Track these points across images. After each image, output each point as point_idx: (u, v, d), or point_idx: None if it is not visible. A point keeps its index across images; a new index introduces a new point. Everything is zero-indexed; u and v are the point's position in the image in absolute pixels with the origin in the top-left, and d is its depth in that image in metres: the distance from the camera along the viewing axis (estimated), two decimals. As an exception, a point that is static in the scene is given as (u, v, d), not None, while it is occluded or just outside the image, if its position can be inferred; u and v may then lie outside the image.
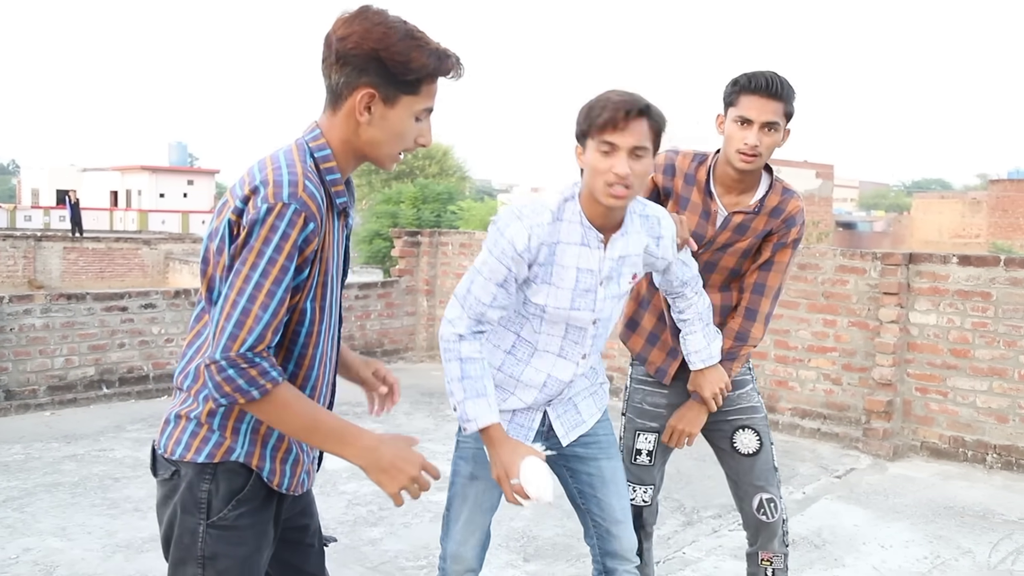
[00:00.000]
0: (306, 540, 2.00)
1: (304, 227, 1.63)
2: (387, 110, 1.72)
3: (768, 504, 2.81)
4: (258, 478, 1.77)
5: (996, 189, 37.68)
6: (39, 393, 6.23)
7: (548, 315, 2.24)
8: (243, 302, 1.61)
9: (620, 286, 2.29)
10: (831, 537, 4.14)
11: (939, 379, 5.56)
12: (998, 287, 5.33)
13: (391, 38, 1.68)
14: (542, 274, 2.19)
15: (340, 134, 1.75)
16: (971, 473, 5.26)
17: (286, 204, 1.61)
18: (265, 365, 1.63)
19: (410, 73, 1.70)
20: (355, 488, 4.65)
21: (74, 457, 5.08)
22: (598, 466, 2.40)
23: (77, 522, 4.07)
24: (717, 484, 4.81)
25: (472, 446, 2.37)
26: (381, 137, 1.74)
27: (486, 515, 2.40)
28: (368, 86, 1.70)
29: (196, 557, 1.74)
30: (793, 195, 2.72)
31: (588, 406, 2.42)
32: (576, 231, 2.19)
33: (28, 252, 24.16)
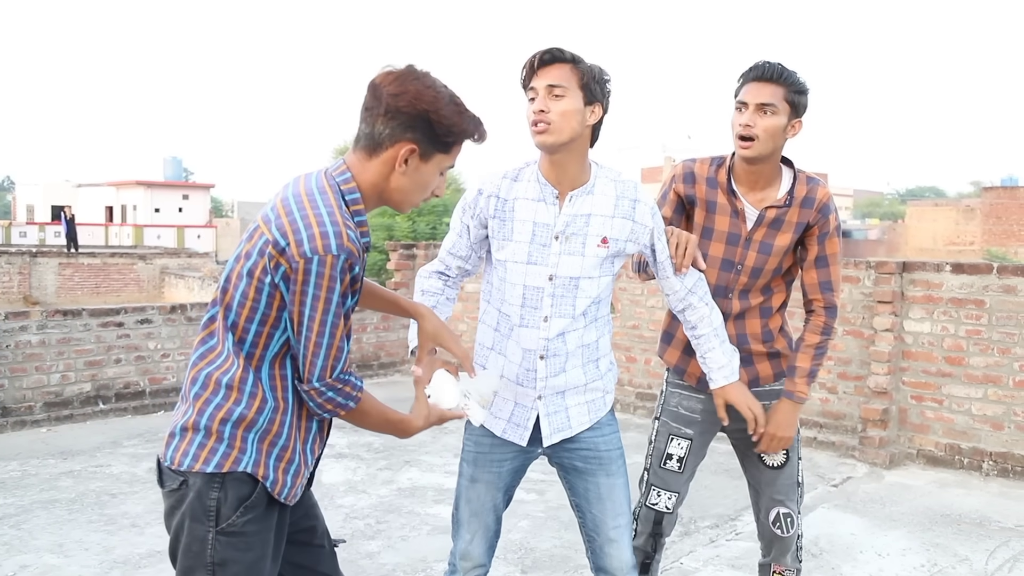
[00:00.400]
0: (315, 541, 2.11)
1: (351, 271, 1.83)
2: (422, 164, 1.91)
3: (785, 519, 2.80)
4: (263, 486, 1.86)
5: (989, 196, 37.76)
6: (35, 410, 6.22)
7: (509, 273, 2.33)
8: (326, 340, 1.83)
9: (585, 246, 2.31)
10: (828, 546, 4.15)
11: (934, 387, 5.58)
12: (991, 295, 5.35)
13: (440, 103, 1.87)
14: (503, 231, 2.34)
15: (372, 178, 1.91)
16: (967, 480, 5.27)
17: (336, 256, 1.78)
18: (354, 380, 1.91)
19: (452, 136, 1.91)
20: (352, 501, 4.65)
21: (71, 473, 5.07)
22: (596, 483, 2.42)
23: (74, 538, 4.06)
24: (714, 494, 4.82)
25: (473, 449, 2.45)
26: (410, 187, 1.94)
27: (490, 514, 2.45)
28: (412, 142, 1.87)
29: (206, 564, 1.82)
30: (819, 183, 2.71)
31: (579, 414, 2.42)
32: (533, 188, 2.33)
33: (23, 268, 24.15)
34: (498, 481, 2.44)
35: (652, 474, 2.84)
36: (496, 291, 2.40)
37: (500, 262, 2.37)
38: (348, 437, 5.97)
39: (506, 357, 2.39)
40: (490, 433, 2.43)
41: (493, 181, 2.37)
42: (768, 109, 2.55)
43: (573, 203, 2.32)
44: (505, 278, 2.36)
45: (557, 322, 2.33)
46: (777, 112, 2.56)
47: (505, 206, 2.34)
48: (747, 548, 4.05)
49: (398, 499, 4.70)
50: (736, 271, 2.71)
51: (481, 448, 2.44)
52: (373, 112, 1.88)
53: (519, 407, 2.40)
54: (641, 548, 2.84)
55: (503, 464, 2.44)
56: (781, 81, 2.56)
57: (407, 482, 4.96)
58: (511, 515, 4.40)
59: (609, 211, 2.34)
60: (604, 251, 2.33)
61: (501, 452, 2.43)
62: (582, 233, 2.31)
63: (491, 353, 2.42)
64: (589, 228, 2.32)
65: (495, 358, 2.41)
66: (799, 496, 2.82)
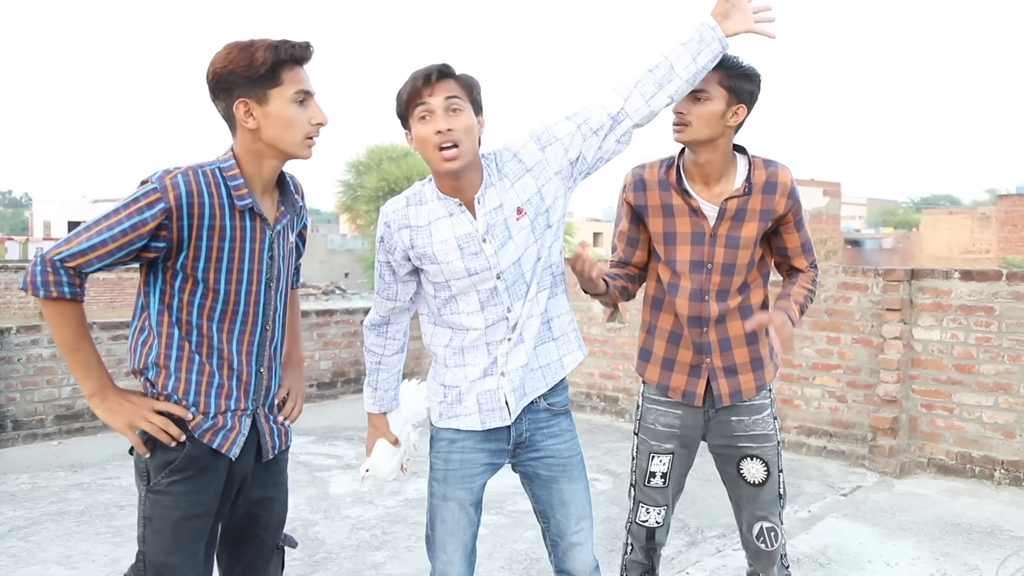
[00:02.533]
0: (257, 530, 2.25)
1: (153, 204, 1.95)
2: (265, 108, 2.02)
3: (768, 533, 2.76)
4: (193, 451, 2.07)
5: (1005, 204, 37.51)
6: (46, 423, 6.26)
7: (455, 288, 2.31)
8: (80, 228, 1.99)
9: (508, 230, 2.28)
10: (836, 555, 4.12)
11: (944, 395, 5.53)
12: (1001, 301, 5.32)
13: (233, 52, 2.00)
14: (428, 255, 2.30)
15: (242, 147, 2.08)
16: (979, 489, 5.22)
17: (151, 183, 1.97)
18: (64, 277, 1.97)
19: (259, 69, 1.99)
20: (359, 512, 4.65)
21: (80, 486, 5.10)
22: (559, 489, 2.42)
23: (82, 550, 4.08)
24: (721, 504, 4.79)
25: (442, 467, 2.43)
26: (276, 131, 2.04)
27: (465, 531, 2.42)
28: (239, 97, 2.02)
29: (141, 517, 2.10)
30: (778, 165, 2.61)
31: (536, 378, 2.39)
32: (440, 206, 2.29)
33: (39, 283, 24.25)
34: (470, 497, 2.42)
35: (639, 491, 2.79)
36: (440, 312, 2.38)
37: (440, 284, 2.33)
38: (356, 448, 5.98)
39: (467, 364, 2.37)
40: (458, 449, 2.40)
41: (398, 211, 2.32)
42: (700, 95, 2.47)
43: (483, 203, 2.28)
44: (452, 294, 2.33)
45: (517, 307, 2.33)
46: (711, 98, 2.47)
47: (421, 232, 2.29)
48: (754, 558, 4.02)
49: (405, 510, 4.70)
50: (707, 270, 2.62)
51: (451, 465, 2.41)
52: (212, 101, 2.07)
53: (484, 394, 2.37)
54: (639, 562, 2.81)
55: (474, 479, 2.42)
56: (720, 67, 2.46)
57: (414, 493, 4.96)
58: (517, 526, 4.40)
59: (508, 186, 2.29)
60: (526, 220, 2.29)
61: (471, 467, 2.41)
62: (503, 220, 2.28)
63: (447, 370, 2.41)
64: (504, 213, 2.28)
65: (453, 372, 2.40)
66: (781, 507, 2.79)
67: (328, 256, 45.63)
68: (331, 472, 5.39)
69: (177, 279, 2.04)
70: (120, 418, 2.05)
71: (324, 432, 6.46)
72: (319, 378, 7.85)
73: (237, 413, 2.15)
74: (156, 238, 1.98)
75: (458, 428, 2.40)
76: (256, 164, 2.08)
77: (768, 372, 2.73)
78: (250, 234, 2.08)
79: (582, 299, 7.10)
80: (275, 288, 2.18)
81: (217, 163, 2.06)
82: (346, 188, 43.13)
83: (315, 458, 5.73)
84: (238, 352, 2.13)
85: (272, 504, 2.27)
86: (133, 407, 2.05)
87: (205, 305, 2.06)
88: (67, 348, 2.02)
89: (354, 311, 8.26)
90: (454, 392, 2.40)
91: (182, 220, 1.98)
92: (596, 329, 7.28)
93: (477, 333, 2.34)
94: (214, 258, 2.04)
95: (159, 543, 2.04)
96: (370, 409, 2.56)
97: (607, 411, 7.20)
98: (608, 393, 7.23)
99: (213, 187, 2.02)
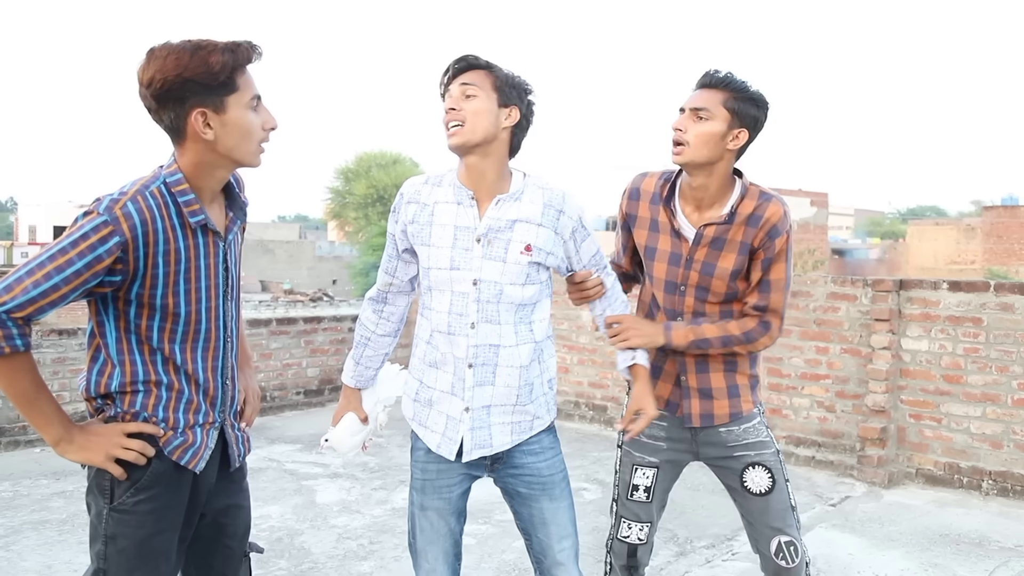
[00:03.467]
0: (224, 539, 2.19)
1: (107, 238, 1.81)
2: (223, 116, 1.90)
3: (788, 547, 2.58)
4: (160, 468, 1.97)
5: (990, 216, 37.77)
6: (29, 430, 6.18)
7: (434, 280, 2.31)
8: (22, 273, 1.81)
9: (508, 252, 2.27)
10: (825, 566, 4.11)
11: (932, 405, 5.54)
12: (989, 312, 5.33)
13: (184, 58, 1.84)
14: (422, 235, 2.32)
15: (191, 158, 1.93)
16: (967, 500, 5.23)
17: (100, 214, 1.82)
18: (14, 330, 1.79)
19: (218, 75, 1.86)
20: (346, 521, 4.61)
21: (63, 494, 5.04)
22: (539, 508, 2.38)
23: (63, 560, 4.02)
24: (711, 514, 4.77)
25: (420, 477, 2.40)
26: (234, 141, 1.93)
27: (445, 540, 2.40)
28: (195, 107, 1.87)
29: (101, 535, 1.96)
30: (771, 199, 2.48)
31: (501, 433, 2.33)
32: (451, 192, 2.32)
33: (24, 288, 24.10)
34: (448, 507, 2.39)
35: (620, 506, 2.70)
36: (425, 301, 2.38)
37: (425, 270, 2.34)
38: (343, 457, 5.94)
39: (439, 368, 2.35)
40: (435, 459, 2.37)
41: (414, 185, 2.38)
42: (702, 114, 2.40)
43: (499, 207, 2.28)
44: (432, 286, 2.33)
45: (484, 328, 2.28)
46: (712, 118, 2.40)
47: (424, 211, 2.32)
48: (744, 568, 4.00)
49: (392, 519, 4.66)
50: (680, 292, 2.56)
51: (428, 475, 2.38)
52: (153, 112, 1.91)
53: (451, 420, 2.34)
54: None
55: (452, 490, 2.38)
56: (722, 87, 2.41)
57: (401, 502, 4.92)
58: (505, 535, 4.36)
59: (536, 218, 2.30)
60: (527, 258, 2.28)
61: (448, 478, 2.37)
62: (505, 238, 2.27)
63: (425, 367, 2.38)
64: (513, 233, 2.28)
65: (429, 371, 2.37)
66: (796, 521, 2.62)
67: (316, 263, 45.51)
68: (318, 481, 5.35)
69: (132, 307, 1.93)
70: (97, 453, 1.92)
71: (311, 440, 6.41)
72: (306, 385, 7.80)
73: (206, 427, 2.08)
74: (111, 272, 1.85)
75: (422, 439, 2.39)
76: (207, 176, 1.97)
77: (746, 402, 2.62)
78: (203, 251, 1.98)
79: (571, 308, 7.08)
80: (231, 298, 2.11)
81: (162, 178, 1.92)
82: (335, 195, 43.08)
83: (301, 466, 5.68)
84: (203, 369, 2.05)
85: (238, 512, 2.23)
86: (104, 439, 1.93)
87: (165, 328, 1.97)
88: (25, 401, 1.88)
89: (342, 318, 8.21)
90: (427, 394, 2.38)
91: (138, 251, 1.86)
92: (585, 338, 7.26)
93: (443, 338, 2.32)
94: (171, 283, 1.93)
95: (122, 562, 1.95)
96: (347, 382, 2.56)
97: (595, 420, 7.18)
98: (596, 402, 7.20)
99: (163, 209, 1.89)
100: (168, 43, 1.87)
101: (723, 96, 2.41)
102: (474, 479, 2.43)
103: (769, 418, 6.10)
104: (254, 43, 1.93)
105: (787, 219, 2.49)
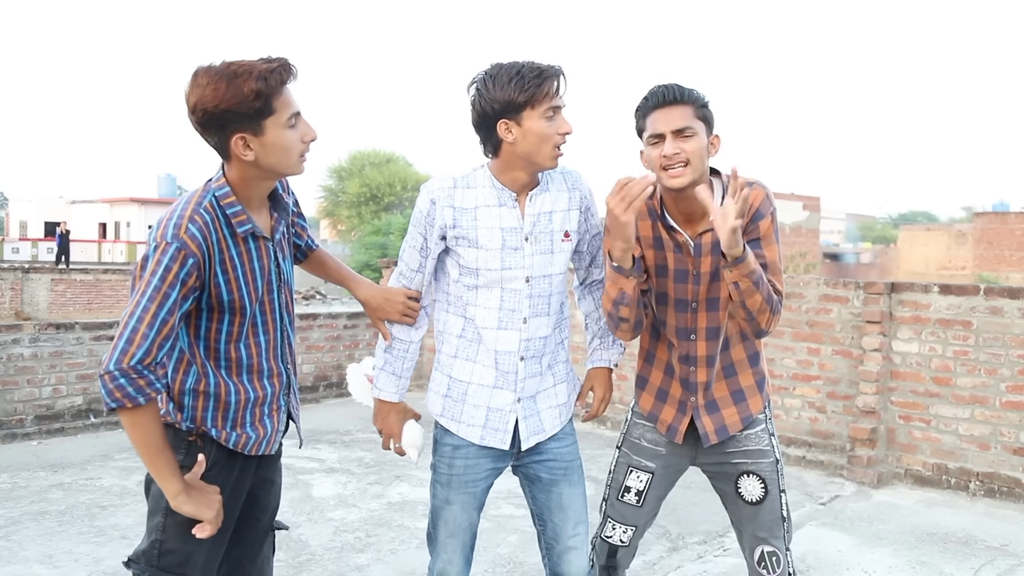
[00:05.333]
0: (256, 511, 2.28)
1: (184, 262, 1.93)
2: (262, 139, 1.99)
3: (770, 558, 2.58)
4: (217, 447, 2.09)
5: (981, 222, 38.01)
6: (26, 423, 6.22)
7: (482, 280, 2.34)
8: (133, 322, 1.90)
9: (552, 243, 2.37)
10: (815, 563, 4.17)
11: (922, 407, 5.62)
12: (978, 316, 5.41)
13: (221, 88, 1.92)
14: (468, 238, 2.32)
15: (238, 174, 2.05)
16: (954, 500, 5.30)
17: (169, 243, 1.93)
18: (152, 377, 1.91)
19: (253, 104, 1.94)
20: (342, 515, 4.66)
21: (61, 486, 5.07)
22: (558, 493, 2.46)
23: (64, 549, 4.07)
24: (702, 510, 4.84)
25: (446, 472, 2.45)
26: (275, 158, 2.03)
27: (466, 533, 2.46)
28: (234, 132, 1.97)
29: (162, 509, 2.05)
30: (752, 185, 2.42)
31: (551, 418, 2.48)
32: (492, 194, 2.33)
33: (15, 284, 24.06)
34: (473, 501, 2.45)
35: (609, 506, 2.70)
36: (460, 299, 2.40)
37: (470, 270, 2.34)
38: (339, 452, 5.99)
39: (476, 362, 2.40)
40: (463, 455, 2.42)
41: (444, 190, 2.33)
42: (687, 132, 2.35)
43: (534, 203, 2.36)
44: (477, 284, 2.35)
45: (535, 322, 2.39)
46: (696, 132, 2.36)
47: (465, 215, 2.32)
48: (735, 564, 4.07)
49: (388, 513, 4.71)
50: (692, 309, 2.51)
51: (455, 470, 2.43)
52: (201, 133, 2.01)
53: (494, 411, 2.40)
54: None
55: (478, 484, 2.44)
56: (689, 100, 2.37)
57: (397, 496, 4.98)
58: (500, 529, 4.42)
59: (565, 204, 2.41)
60: (569, 245, 2.41)
61: (475, 472, 2.43)
62: (547, 231, 2.37)
63: (456, 361, 2.43)
64: (552, 225, 2.38)
65: (462, 365, 2.42)
66: (786, 532, 2.60)
67: (308, 261, 45.25)
68: (314, 475, 5.39)
69: (202, 316, 2.06)
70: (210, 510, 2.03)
71: (306, 436, 6.42)
72: (302, 382, 7.84)
73: (273, 414, 2.21)
74: (193, 288, 2.00)
75: (458, 434, 2.43)
76: (254, 187, 2.09)
77: (755, 403, 2.61)
78: (255, 254, 2.10)
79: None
80: (286, 291, 2.24)
81: (211, 192, 2.04)
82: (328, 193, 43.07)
83: (297, 461, 5.72)
84: (266, 359, 2.18)
85: (271, 486, 2.32)
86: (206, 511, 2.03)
87: (233, 331, 2.08)
88: (150, 449, 1.96)
89: (337, 315, 8.26)
90: (459, 388, 2.42)
91: (205, 264, 1.99)
92: (579, 336, 7.31)
93: (489, 333, 2.37)
94: (233, 287, 2.05)
95: (179, 533, 2.05)
96: (389, 398, 2.49)
97: (589, 419, 7.22)
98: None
99: (216, 222, 2.02)
100: (209, 68, 1.95)
101: (691, 109, 2.38)
102: (498, 473, 2.49)
103: (761, 418, 6.18)
104: (289, 64, 2.00)
105: (769, 202, 2.46)
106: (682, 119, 2.35)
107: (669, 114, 2.36)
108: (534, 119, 2.22)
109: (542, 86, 2.20)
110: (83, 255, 40.13)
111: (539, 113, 2.21)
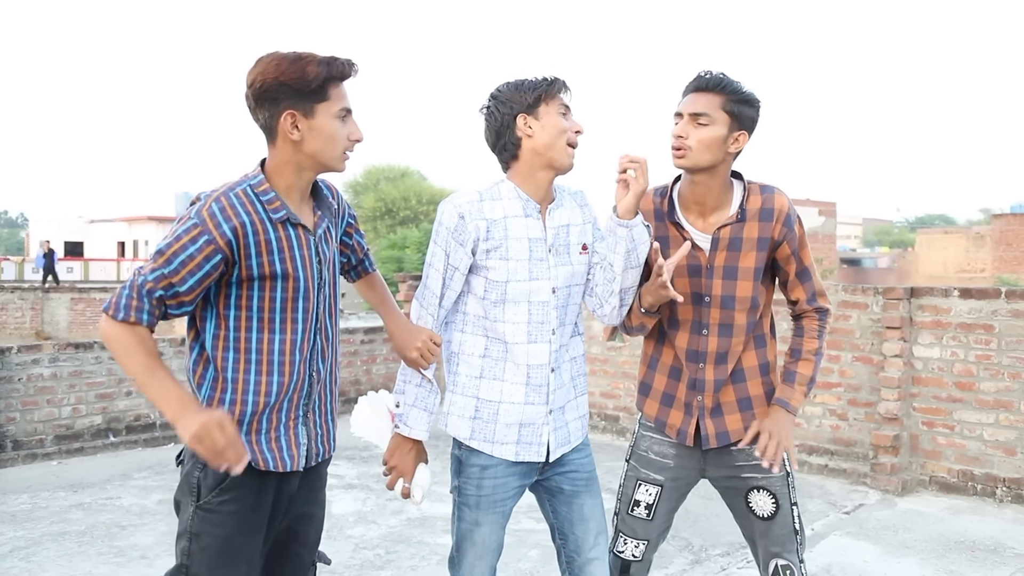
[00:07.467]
0: (295, 546, 2.25)
1: (196, 239, 1.99)
2: (311, 121, 2.06)
3: (784, 571, 2.58)
4: (245, 471, 2.02)
5: (999, 223, 37.64)
6: (46, 443, 6.24)
7: (510, 295, 2.32)
8: (154, 252, 2.02)
9: (571, 256, 2.41)
10: (841, 573, 4.12)
11: (945, 412, 5.55)
12: (1000, 319, 5.34)
13: (284, 64, 2.02)
14: (500, 250, 2.32)
15: (279, 158, 2.10)
16: (981, 507, 5.23)
17: (190, 219, 2.02)
18: (146, 303, 1.98)
19: (311, 83, 2.03)
20: (362, 532, 4.64)
21: (81, 506, 5.08)
22: (580, 504, 2.46)
23: (83, 571, 4.06)
24: (725, 522, 4.78)
25: (475, 493, 2.41)
26: (319, 145, 2.08)
27: (494, 555, 2.45)
28: (286, 109, 2.04)
29: (187, 532, 2.07)
30: (774, 191, 2.50)
31: (577, 428, 2.51)
32: (518, 204, 2.36)
33: (36, 304, 24.28)
34: (502, 520, 2.43)
35: (620, 520, 2.68)
36: (483, 317, 2.36)
37: (497, 283, 2.32)
38: (358, 468, 5.97)
39: (504, 381, 2.36)
40: (492, 475, 2.38)
41: (472, 203, 2.32)
42: (702, 119, 2.39)
43: (553, 216, 2.40)
44: (504, 299, 2.33)
45: (560, 332, 2.41)
46: (713, 122, 2.39)
47: (496, 226, 2.31)
48: (758, 576, 4.01)
49: (408, 529, 4.69)
50: (706, 303, 2.51)
51: (484, 491, 2.39)
52: (252, 111, 2.09)
53: (526, 427, 2.38)
54: None
55: (507, 503, 2.42)
56: (718, 90, 2.40)
57: (417, 512, 4.95)
58: (520, 544, 4.39)
59: (580, 219, 2.46)
60: (586, 258, 2.45)
61: (504, 491, 2.40)
62: (566, 243, 2.41)
63: (482, 382, 2.37)
64: (571, 237, 2.42)
65: (489, 385, 2.37)
66: (799, 545, 2.60)
67: (325, 276, 45.38)
68: (333, 492, 5.38)
69: (232, 295, 2.06)
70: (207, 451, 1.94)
71: (325, 452, 6.43)
72: (319, 397, 7.82)
73: (291, 424, 2.16)
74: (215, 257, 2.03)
75: (491, 454, 2.38)
76: (294, 175, 2.11)
77: (762, 414, 2.57)
78: (296, 242, 2.11)
79: (582, 318, 7.10)
80: (325, 292, 2.21)
81: (246, 182, 2.09)
82: (343, 208, 43.12)
83: (316, 478, 5.72)
84: (292, 356, 2.12)
85: (311, 520, 2.28)
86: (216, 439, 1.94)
87: (264, 307, 2.08)
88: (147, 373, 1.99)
89: (354, 330, 8.26)
90: (490, 409, 2.37)
91: (229, 243, 2.01)
92: (597, 348, 7.29)
93: (520, 348, 2.35)
94: (265, 262, 2.06)
95: (206, 559, 2.04)
96: (420, 436, 2.40)
97: (608, 430, 7.19)
98: (609, 412, 7.22)
99: (248, 205, 2.05)
100: (276, 52, 2.06)
101: (720, 99, 2.41)
102: (524, 490, 2.48)
103: (781, 427, 6.11)
104: (352, 61, 2.09)
105: (793, 206, 2.53)
106: (703, 105, 2.41)
107: (696, 98, 2.43)
108: (550, 114, 2.32)
109: (553, 84, 2.34)
110: (102, 274, 40.42)
111: (554, 109, 2.32)
